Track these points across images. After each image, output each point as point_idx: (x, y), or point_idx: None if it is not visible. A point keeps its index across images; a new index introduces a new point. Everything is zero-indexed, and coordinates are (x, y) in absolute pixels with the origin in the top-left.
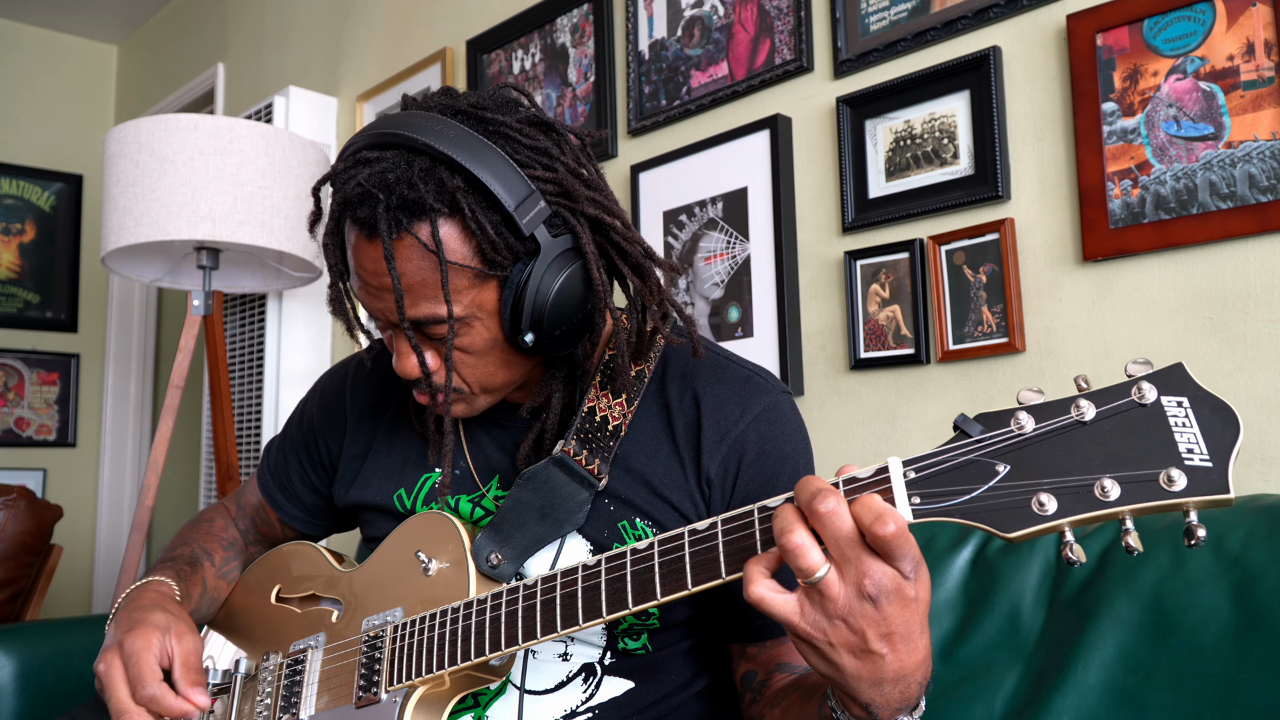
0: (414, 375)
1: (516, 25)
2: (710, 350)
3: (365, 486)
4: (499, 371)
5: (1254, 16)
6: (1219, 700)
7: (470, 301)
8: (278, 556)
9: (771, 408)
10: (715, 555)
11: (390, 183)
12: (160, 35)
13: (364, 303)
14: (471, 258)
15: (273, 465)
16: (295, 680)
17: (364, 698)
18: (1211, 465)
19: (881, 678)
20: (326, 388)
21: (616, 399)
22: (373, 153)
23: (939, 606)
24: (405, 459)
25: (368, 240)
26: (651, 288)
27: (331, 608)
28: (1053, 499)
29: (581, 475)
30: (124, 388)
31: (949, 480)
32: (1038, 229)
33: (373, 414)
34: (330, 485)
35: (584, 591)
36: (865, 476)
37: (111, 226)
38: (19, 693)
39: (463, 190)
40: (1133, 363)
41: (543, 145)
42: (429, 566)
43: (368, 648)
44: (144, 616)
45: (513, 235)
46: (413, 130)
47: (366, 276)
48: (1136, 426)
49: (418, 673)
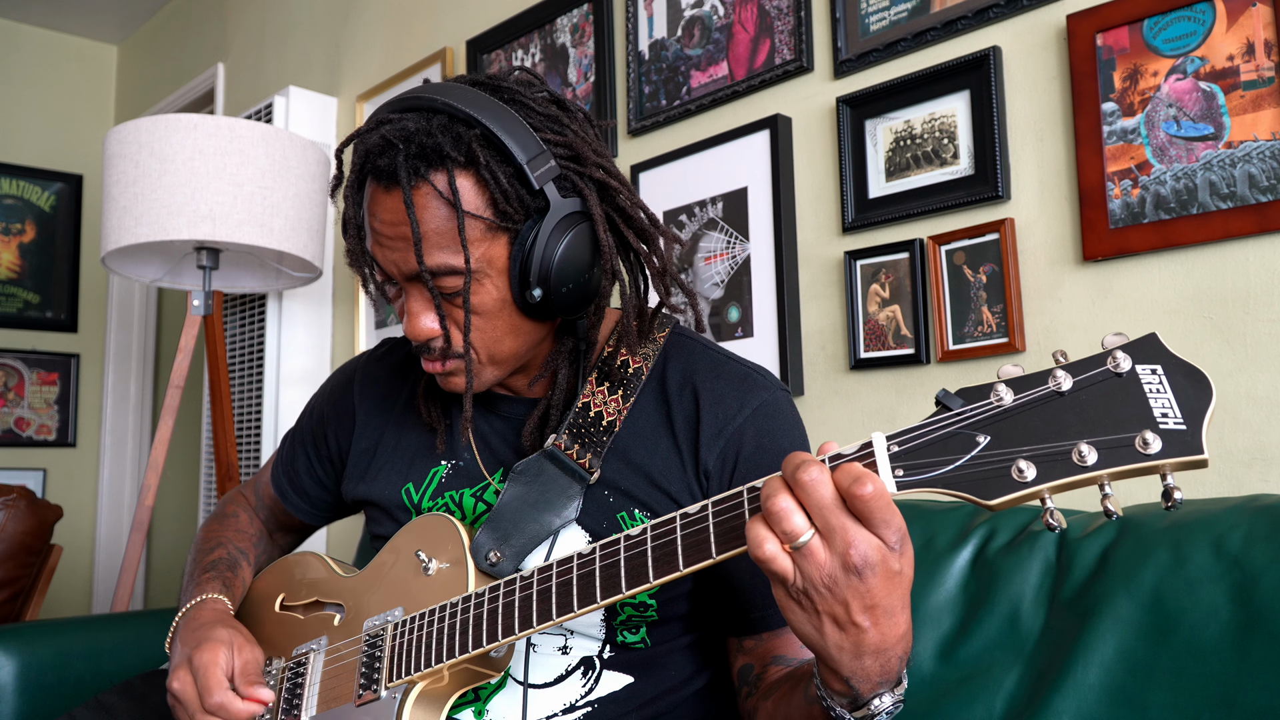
0: (426, 335)
1: (516, 25)
2: (709, 347)
3: (374, 481)
4: (506, 338)
5: (1254, 16)
6: (1219, 700)
7: (481, 256)
8: (282, 566)
9: (769, 403)
10: (706, 536)
11: (410, 133)
12: (160, 35)
13: (378, 260)
14: (484, 208)
15: (284, 458)
16: (297, 683)
17: (364, 695)
18: (1185, 428)
19: (862, 650)
20: (336, 383)
21: (613, 395)
22: (395, 114)
23: (939, 606)
24: (414, 453)
25: (385, 191)
26: (656, 255)
27: (334, 612)
28: (1031, 466)
29: (572, 468)
30: (124, 388)
31: (931, 452)
32: (1038, 229)
33: (381, 409)
34: (336, 480)
35: (579, 579)
36: (850, 452)
37: (111, 226)
38: (19, 693)
39: (478, 141)
40: (1109, 335)
41: (554, 114)
42: (429, 566)
43: (368, 647)
44: (207, 634)
45: (524, 189)
46: (433, 94)
47: (382, 228)
48: (1112, 394)
49: (417, 668)
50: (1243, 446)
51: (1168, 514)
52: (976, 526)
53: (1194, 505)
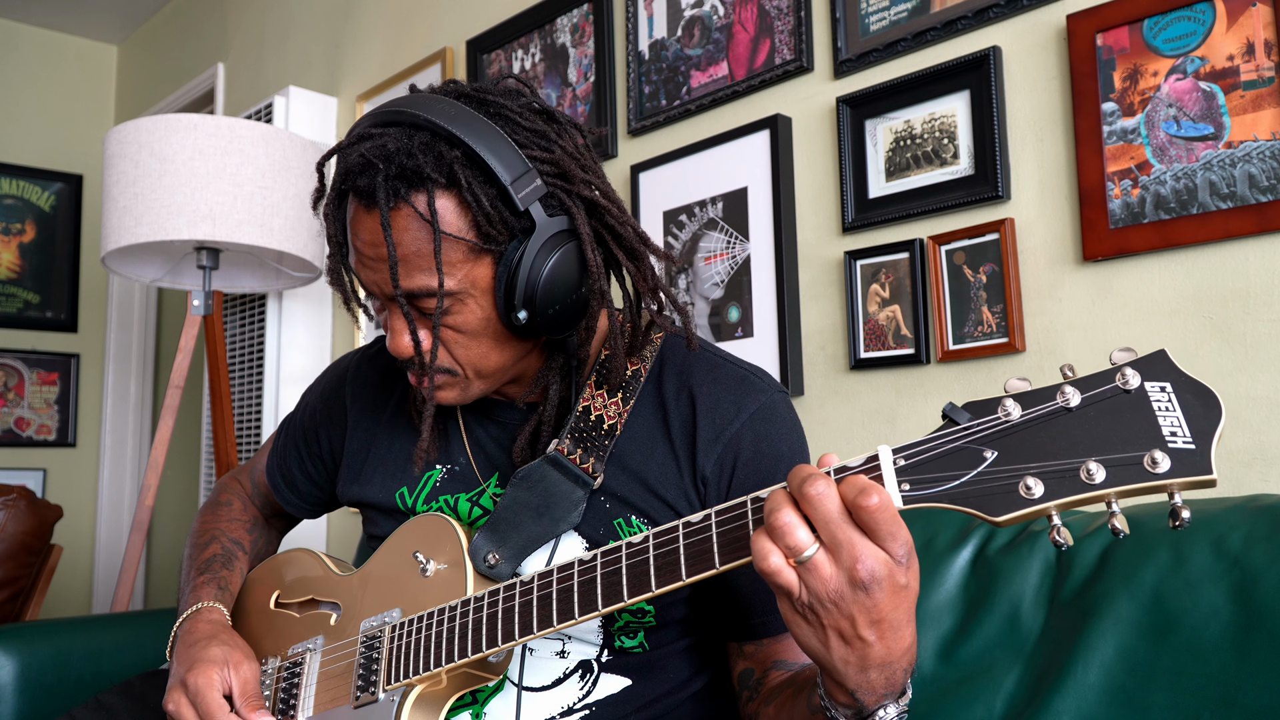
0: (406, 354)
1: (516, 25)
2: (706, 349)
3: (368, 484)
4: (491, 354)
5: (1254, 16)
6: (1219, 700)
7: (464, 277)
8: (278, 563)
9: (767, 406)
10: (709, 546)
11: (390, 153)
12: (160, 35)
13: (360, 278)
14: (466, 230)
15: (279, 451)
16: (293, 683)
17: (362, 698)
18: (1194, 447)
19: (868, 663)
20: (328, 382)
21: (612, 398)
22: (377, 129)
23: (939, 606)
24: (408, 456)
25: (366, 210)
26: (645, 273)
27: (330, 611)
28: (1039, 483)
29: (576, 474)
30: (124, 388)
31: (938, 467)
32: (1038, 229)
33: (372, 410)
34: (328, 478)
35: (580, 586)
36: (856, 465)
37: (111, 226)
38: (19, 693)
39: (460, 162)
40: (1117, 351)
41: (541, 129)
42: (427, 567)
43: (365, 648)
44: (202, 653)
45: (508, 210)
46: (415, 108)
47: (363, 248)
48: (1121, 412)
49: (415, 671)
50: (1243, 446)
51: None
52: (977, 527)
53: (1194, 505)
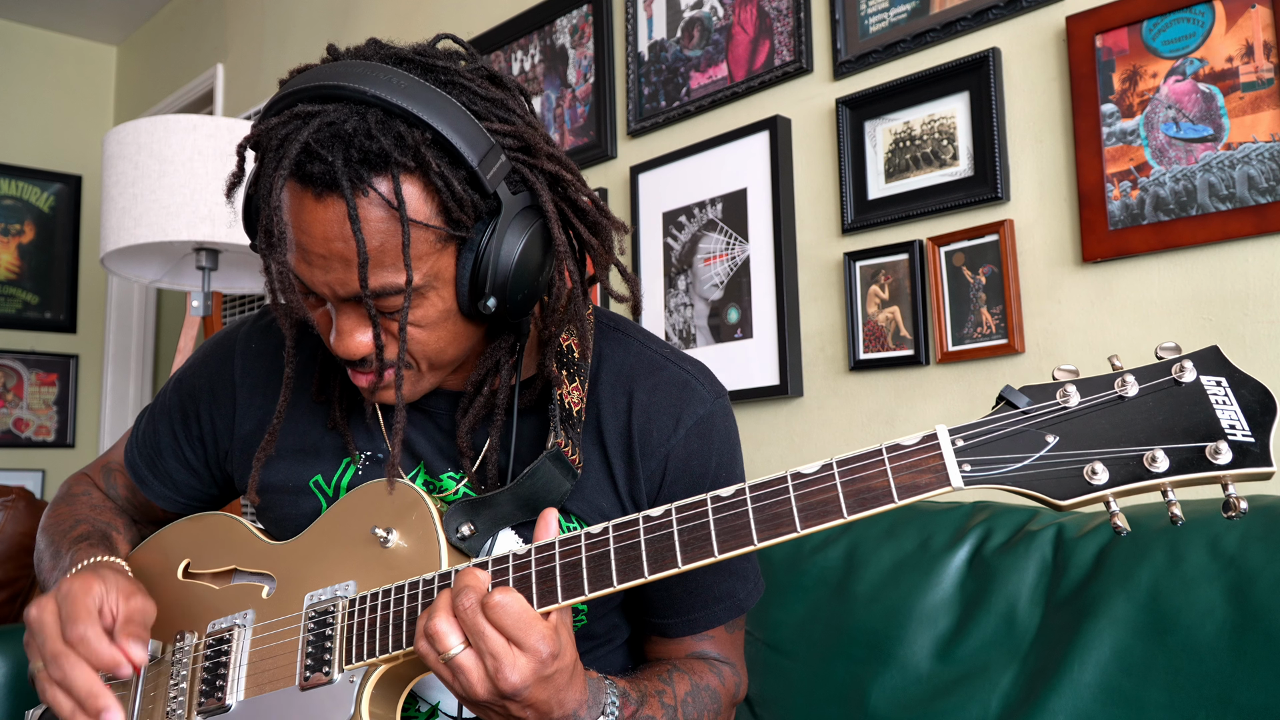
0: (360, 354)
1: (516, 26)
2: (648, 346)
3: (269, 467)
4: (449, 347)
5: (1253, 18)
6: (1215, 699)
7: (429, 269)
8: (185, 528)
9: (705, 420)
10: (671, 544)
11: (347, 135)
12: (160, 36)
13: (303, 276)
14: (434, 217)
15: (142, 440)
16: (219, 662)
17: (311, 678)
18: (1254, 440)
19: None
20: (211, 356)
21: (572, 383)
22: (312, 106)
23: (936, 606)
24: (318, 443)
25: (316, 200)
26: (607, 246)
27: (260, 583)
28: (1105, 469)
29: (568, 466)
30: (123, 388)
31: (999, 449)
32: (1037, 230)
33: (266, 389)
34: (206, 464)
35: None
36: (911, 444)
37: (111, 227)
38: (13, 694)
39: (426, 143)
40: (1161, 347)
41: (498, 97)
42: (388, 539)
43: (315, 624)
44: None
45: (477, 193)
46: (357, 80)
47: (311, 245)
48: (1179, 403)
49: (381, 650)
50: None
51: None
52: (973, 526)
53: (1190, 505)
